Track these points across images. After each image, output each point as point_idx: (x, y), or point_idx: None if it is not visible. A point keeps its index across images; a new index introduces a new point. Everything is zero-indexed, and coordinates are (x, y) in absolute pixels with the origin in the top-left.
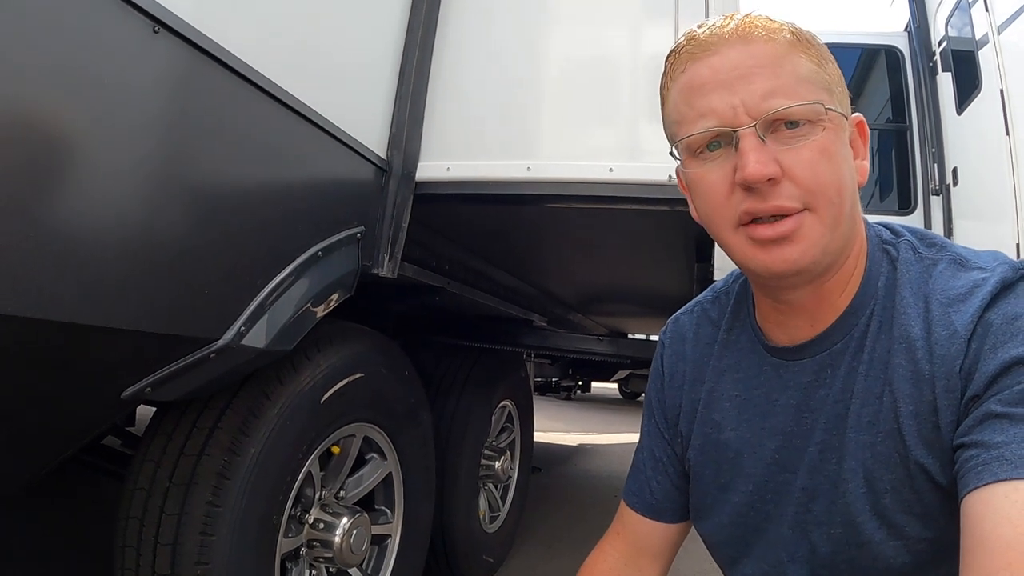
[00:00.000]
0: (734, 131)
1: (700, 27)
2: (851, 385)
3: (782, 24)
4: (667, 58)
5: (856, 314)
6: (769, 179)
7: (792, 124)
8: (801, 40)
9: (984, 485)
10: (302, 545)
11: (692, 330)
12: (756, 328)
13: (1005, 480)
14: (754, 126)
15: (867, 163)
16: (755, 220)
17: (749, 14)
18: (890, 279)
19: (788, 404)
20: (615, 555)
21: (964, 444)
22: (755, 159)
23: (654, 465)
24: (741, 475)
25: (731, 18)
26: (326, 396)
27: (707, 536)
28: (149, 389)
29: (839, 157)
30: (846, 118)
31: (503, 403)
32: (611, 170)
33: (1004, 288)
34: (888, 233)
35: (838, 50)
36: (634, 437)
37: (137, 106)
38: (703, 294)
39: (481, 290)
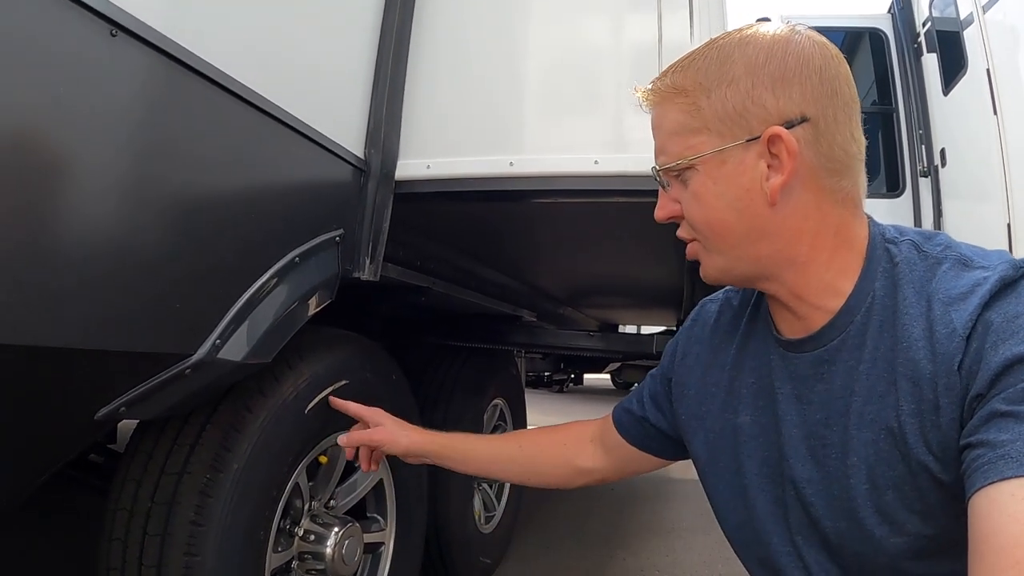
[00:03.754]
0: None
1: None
2: (852, 383)
3: (676, 72)
4: None
5: (851, 312)
6: (670, 218)
7: (676, 172)
8: (678, 89)
9: (990, 484)
10: (293, 559)
11: (714, 316)
12: (770, 318)
13: (1011, 478)
14: (655, 178)
15: (779, 180)
16: None
17: (665, 71)
18: (890, 278)
19: (790, 394)
20: (589, 429)
21: (970, 444)
22: (657, 205)
23: (639, 402)
24: (753, 458)
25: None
26: (311, 406)
27: (722, 519)
28: (123, 409)
29: (711, 195)
30: (745, 140)
31: (495, 401)
32: (596, 162)
33: (1004, 287)
34: (892, 231)
35: (822, 34)
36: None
37: (96, 112)
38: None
39: (468, 288)
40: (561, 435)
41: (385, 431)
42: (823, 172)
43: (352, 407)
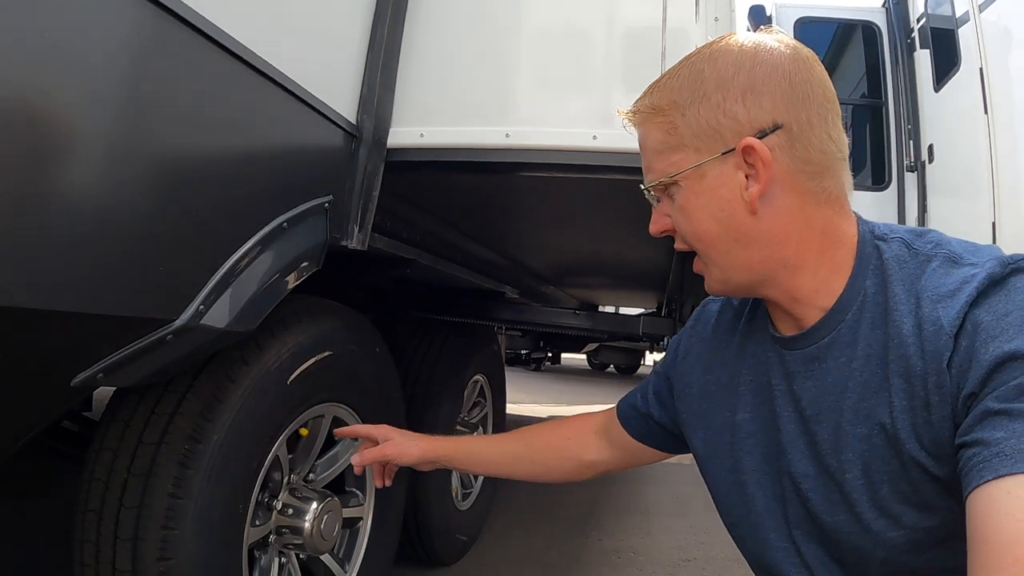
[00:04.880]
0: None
1: None
2: (846, 379)
3: (653, 93)
4: None
5: (843, 311)
6: (662, 232)
7: (663, 188)
8: (655, 109)
9: (985, 482)
10: (270, 532)
11: (715, 315)
12: (768, 317)
13: (1006, 476)
14: (646, 195)
15: (757, 189)
16: None
17: (644, 92)
18: (880, 275)
19: (785, 390)
20: (594, 422)
21: (965, 443)
22: (651, 220)
23: (644, 397)
24: (752, 455)
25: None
26: (293, 376)
27: (722, 514)
28: (101, 375)
29: (695, 208)
30: (721, 153)
31: (475, 377)
32: (595, 137)
33: (992, 284)
34: (882, 228)
35: (815, 25)
36: (602, 408)
37: (80, 63)
38: None
39: (454, 262)
40: (565, 429)
41: (395, 445)
42: (803, 176)
43: (359, 429)
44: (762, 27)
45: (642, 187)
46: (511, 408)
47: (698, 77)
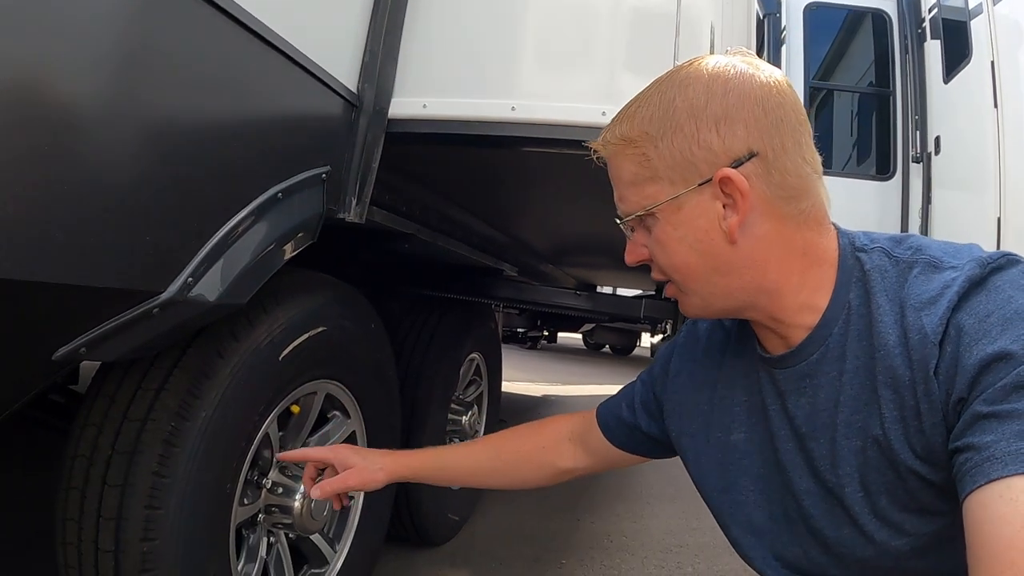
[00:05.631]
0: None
1: None
2: (837, 394)
3: (622, 122)
4: None
5: (828, 326)
6: (639, 263)
7: (638, 220)
8: (627, 140)
9: (978, 488)
10: (259, 512)
11: (706, 334)
12: (755, 337)
13: (997, 479)
14: (620, 226)
15: (735, 219)
16: None
17: (613, 121)
18: (863, 286)
19: (779, 409)
20: (568, 428)
21: (957, 449)
22: (626, 250)
23: (629, 408)
24: (748, 475)
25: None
26: (285, 352)
27: (720, 526)
28: (84, 349)
29: (672, 240)
30: (697, 184)
31: (472, 355)
32: (604, 114)
33: (973, 286)
34: (863, 238)
35: (824, 11)
36: (597, 388)
37: (66, 25)
38: None
39: (453, 238)
40: (538, 437)
41: (358, 473)
42: (780, 201)
43: (311, 454)
44: (729, 50)
45: (617, 220)
46: (505, 387)
47: (669, 106)
